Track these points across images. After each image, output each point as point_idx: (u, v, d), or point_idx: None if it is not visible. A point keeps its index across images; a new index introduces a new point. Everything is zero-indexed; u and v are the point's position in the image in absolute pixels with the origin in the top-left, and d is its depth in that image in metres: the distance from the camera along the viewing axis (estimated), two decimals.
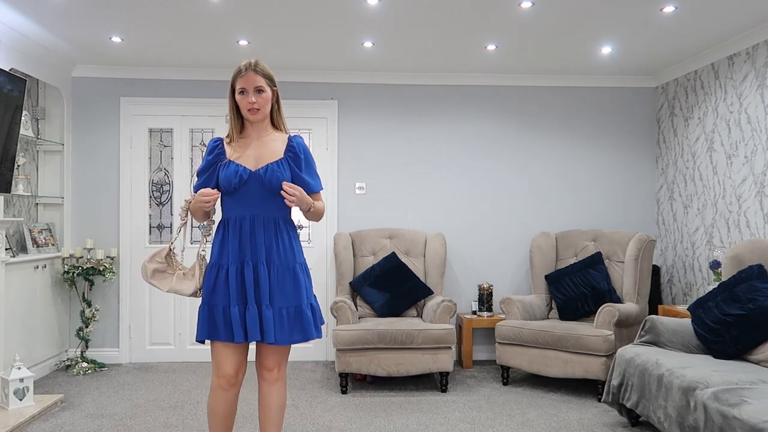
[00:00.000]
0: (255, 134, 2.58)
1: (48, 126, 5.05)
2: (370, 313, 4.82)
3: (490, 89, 5.43)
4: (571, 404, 4.07)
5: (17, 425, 3.52)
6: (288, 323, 2.45)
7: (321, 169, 5.29)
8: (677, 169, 5.20)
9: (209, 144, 2.61)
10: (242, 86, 2.49)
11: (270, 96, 2.53)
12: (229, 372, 2.49)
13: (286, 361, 2.59)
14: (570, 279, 4.74)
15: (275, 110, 2.60)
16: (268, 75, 2.53)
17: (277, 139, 2.58)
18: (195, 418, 3.80)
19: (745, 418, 2.48)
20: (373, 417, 3.81)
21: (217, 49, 4.65)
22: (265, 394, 2.57)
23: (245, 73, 2.48)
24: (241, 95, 2.50)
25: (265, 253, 2.47)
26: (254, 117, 2.52)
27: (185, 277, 2.60)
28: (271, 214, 2.50)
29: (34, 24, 4.09)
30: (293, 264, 2.51)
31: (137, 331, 5.21)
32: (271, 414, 2.57)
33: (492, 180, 5.43)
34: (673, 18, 3.96)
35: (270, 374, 2.55)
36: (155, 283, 2.60)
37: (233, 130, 2.59)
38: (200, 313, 2.48)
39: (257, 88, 2.48)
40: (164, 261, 2.61)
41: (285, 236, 2.51)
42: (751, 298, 3.31)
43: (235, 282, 2.44)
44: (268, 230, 2.49)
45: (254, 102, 2.48)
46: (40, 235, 4.82)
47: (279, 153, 2.54)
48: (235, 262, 2.45)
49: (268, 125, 2.60)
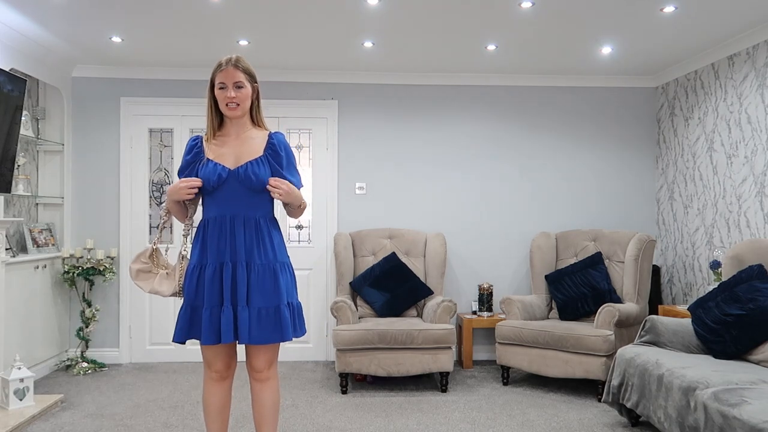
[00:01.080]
0: (234, 132, 2.55)
1: (48, 126, 5.05)
2: (370, 313, 4.82)
3: (490, 89, 5.43)
4: (571, 404, 4.07)
5: (17, 425, 3.52)
6: (266, 323, 2.42)
7: (321, 169, 5.34)
8: (677, 169, 5.20)
9: (188, 143, 2.58)
10: (222, 81, 2.46)
11: (250, 92, 2.51)
12: (219, 368, 2.53)
13: (276, 360, 2.58)
14: (570, 279, 4.74)
15: (255, 107, 2.58)
16: (249, 71, 2.51)
17: (256, 136, 2.55)
18: (195, 418, 3.80)
19: (746, 418, 2.48)
20: (373, 417, 3.81)
21: (217, 49, 4.65)
22: (258, 393, 2.56)
23: (225, 67, 2.46)
24: (221, 90, 2.48)
25: (245, 253, 2.44)
26: (232, 113, 2.49)
27: (168, 278, 2.58)
28: (252, 213, 2.48)
29: (34, 24, 4.09)
30: (274, 263, 2.48)
31: (137, 331, 5.22)
32: (266, 413, 2.57)
33: (492, 180, 5.43)
34: (673, 18, 3.96)
35: (261, 375, 2.54)
36: (139, 283, 2.58)
37: (210, 128, 2.55)
38: (181, 313, 2.47)
39: (236, 84, 2.46)
40: (148, 261, 2.59)
41: (266, 235, 2.49)
42: (751, 298, 3.31)
43: (211, 283, 2.42)
44: (249, 229, 2.46)
45: (233, 97, 2.45)
46: (40, 235, 4.82)
47: (259, 150, 2.51)
48: (213, 263, 2.44)
49: (248, 122, 2.57)
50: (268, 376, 2.55)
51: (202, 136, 2.60)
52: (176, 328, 2.47)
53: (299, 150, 5.34)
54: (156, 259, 2.62)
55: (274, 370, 2.58)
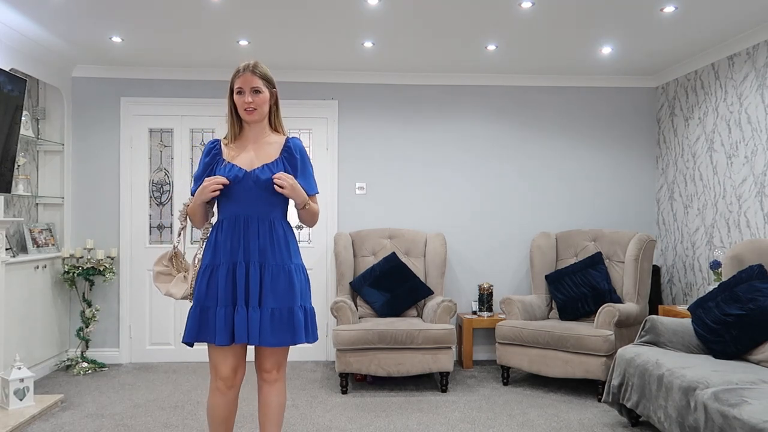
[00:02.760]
0: (252, 136, 2.58)
1: (48, 126, 5.05)
2: (371, 313, 4.82)
3: (490, 89, 5.43)
4: (571, 404, 4.07)
5: (17, 425, 3.52)
6: (278, 325, 2.42)
7: (321, 169, 5.33)
8: (677, 169, 5.20)
9: (206, 146, 2.61)
10: (240, 86, 2.50)
11: (267, 97, 2.54)
12: (226, 374, 2.48)
13: (285, 362, 2.58)
14: (570, 279, 4.74)
15: (273, 112, 2.61)
16: (267, 77, 2.53)
17: (274, 141, 2.58)
18: (195, 418, 3.80)
19: (746, 418, 2.48)
20: (374, 417, 3.81)
21: (217, 49, 4.65)
22: (266, 395, 2.57)
23: (243, 73, 2.49)
24: (239, 95, 2.51)
25: (259, 253, 2.45)
26: (250, 117, 2.52)
27: (184, 281, 2.60)
28: (266, 214, 2.49)
29: (34, 24, 4.09)
30: (289, 265, 2.48)
31: (137, 331, 5.22)
32: (272, 414, 2.57)
33: (492, 180, 5.43)
34: (673, 18, 3.96)
35: (269, 375, 2.54)
36: (158, 285, 2.62)
37: (231, 132, 2.59)
38: (190, 313, 2.46)
39: (254, 89, 2.49)
40: (168, 264, 2.62)
41: (281, 236, 2.49)
42: (751, 298, 3.31)
43: (224, 283, 2.42)
44: (263, 230, 2.47)
45: (251, 102, 2.48)
46: (41, 235, 4.82)
47: (275, 154, 2.54)
48: (226, 263, 2.44)
49: (266, 127, 2.60)
50: (276, 378, 2.55)
51: (220, 139, 2.63)
52: (186, 329, 2.46)
53: None
54: (176, 262, 2.65)
55: (283, 372, 2.58)
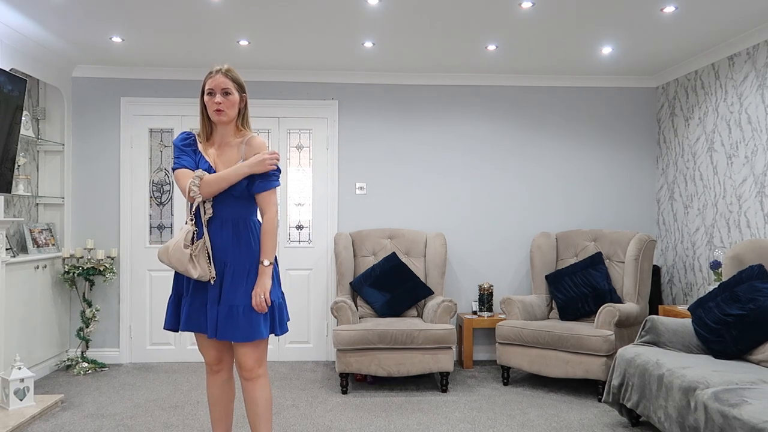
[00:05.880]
0: (219, 138, 2.65)
1: (48, 126, 5.05)
2: (371, 313, 4.82)
3: (490, 89, 5.43)
4: (571, 404, 4.07)
5: (17, 425, 3.52)
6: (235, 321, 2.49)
7: (321, 169, 5.34)
8: (677, 169, 5.19)
9: (181, 134, 2.68)
10: (210, 87, 2.57)
11: (237, 100, 2.60)
12: (209, 360, 2.70)
13: (264, 358, 2.64)
14: (570, 279, 4.74)
15: (242, 116, 2.67)
16: (238, 80, 2.62)
17: (235, 143, 2.64)
18: (195, 418, 3.80)
19: (746, 418, 2.48)
20: (374, 417, 3.81)
21: (218, 49, 4.65)
22: (249, 392, 2.63)
23: (214, 75, 2.58)
24: (209, 96, 2.58)
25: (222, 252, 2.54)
26: (218, 118, 2.58)
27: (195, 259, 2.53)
28: (230, 215, 2.57)
29: (34, 24, 4.09)
30: (249, 265, 2.55)
31: (137, 331, 5.22)
32: (258, 410, 2.62)
33: (492, 179, 5.43)
34: (673, 18, 3.96)
35: (249, 373, 2.60)
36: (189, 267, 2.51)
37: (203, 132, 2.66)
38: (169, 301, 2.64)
39: (224, 90, 2.56)
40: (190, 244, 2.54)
41: (243, 237, 2.57)
42: (751, 298, 3.31)
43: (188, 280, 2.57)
44: (226, 230, 2.55)
45: (220, 102, 2.55)
46: (41, 235, 4.82)
47: (236, 156, 2.61)
48: None
49: (233, 130, 2.65)
50: (258, 374, 2.61)
51: (194, 133, 2.71)
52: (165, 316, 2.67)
53: (299, 150, 5.34)
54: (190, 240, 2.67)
55: (264, 368, 2.64)
